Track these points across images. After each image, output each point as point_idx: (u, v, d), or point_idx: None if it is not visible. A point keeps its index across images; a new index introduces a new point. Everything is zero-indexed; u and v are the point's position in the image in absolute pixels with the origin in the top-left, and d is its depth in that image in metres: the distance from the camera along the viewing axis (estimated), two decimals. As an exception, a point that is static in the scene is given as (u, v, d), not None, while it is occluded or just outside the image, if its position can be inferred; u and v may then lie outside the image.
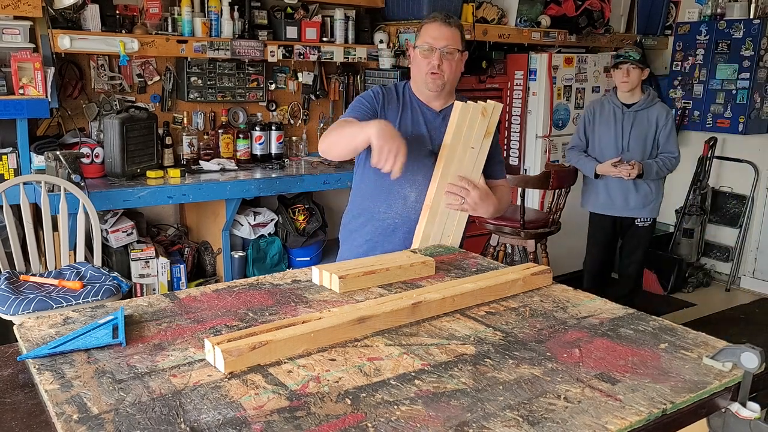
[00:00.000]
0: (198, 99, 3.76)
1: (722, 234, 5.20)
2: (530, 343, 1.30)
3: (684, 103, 5.09)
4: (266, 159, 3.90)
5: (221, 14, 3.57)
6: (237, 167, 3.68)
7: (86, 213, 2.87)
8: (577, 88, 4.68)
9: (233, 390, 1.08)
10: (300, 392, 1.08)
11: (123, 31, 3.31)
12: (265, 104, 4.07)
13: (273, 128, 3.93)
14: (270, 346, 1.19)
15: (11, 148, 3.04)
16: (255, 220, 3.78)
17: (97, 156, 3.28)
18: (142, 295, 2.63)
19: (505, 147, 4.70)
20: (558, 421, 1.02)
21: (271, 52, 3.72)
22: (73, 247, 2.95)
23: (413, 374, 1.16)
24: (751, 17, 4.78)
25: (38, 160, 3.07)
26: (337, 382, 1.12)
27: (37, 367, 1.14)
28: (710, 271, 5.21)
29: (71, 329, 1.29)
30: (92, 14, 3.19)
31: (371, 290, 1.59)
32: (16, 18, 2.94)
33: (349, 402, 1.06)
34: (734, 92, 4.79)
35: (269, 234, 3.83)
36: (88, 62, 3.47)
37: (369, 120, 2.01)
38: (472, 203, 2.04)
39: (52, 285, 2.65)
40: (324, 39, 3.93)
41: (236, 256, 3.68)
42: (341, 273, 1.58)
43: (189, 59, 3.63)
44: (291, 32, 3.79)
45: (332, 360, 1.20)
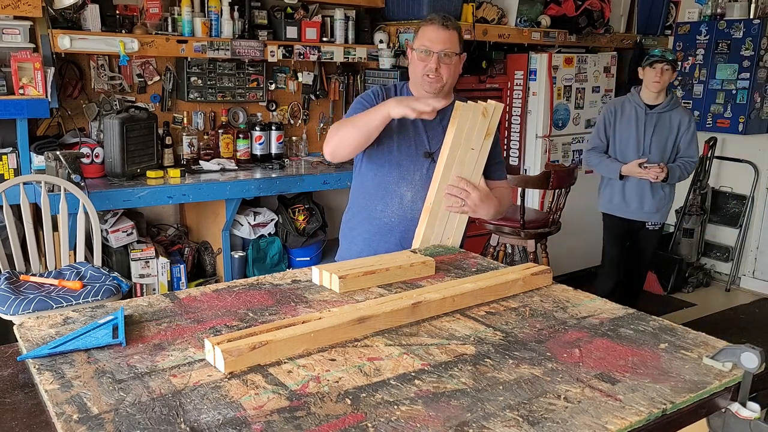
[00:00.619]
0: (198, 99, 3.76)
1: (722, 234, 5.21)
2: (530, 343, 1.30)
3: (684, 103, 5.08)
4: (266, 159, 3.90)
5: (221, 14, 3.57)
6: (237, 167, 3.68)
7: (86, 213, 2.87)
8: (577, 88, 4.68)
9: (233, 390, 1.08)
10: (300, 392, 1.08)
11: (123, 31, 3.31)
12: (265, 104, 4.07)
13: (273, 128, 3.93)
14: (270, 346, 1.19)
15: (11, 148, 3.04)
16: (255, 220, 3.78)
17: (97, 156, 3.28)
18: (142, 295, 2.63)
19: (505, 147, 4.69)
20: (558, 421, 1.02)
21: (271, 52, 3.72)
22: (73, 247, 2.95)
23: (413, 374, 1.16)
24: (751, 17, 4.78)
25: (38, 160, 3.07)
26: (337, 382, 1.12)
27: (37, 367, 1.14)
28: (710, 271, 5.21)
29: (71, 329, 1.29)
30: (92, 14, 3.19)
31: (371, 290, 1.59)
32: (16, 18, 2.93)
33: (349, 402, 1.06)
34: (734, 92, 4.80)
35: (269, 234, 3.83)
36: (88, 62, 3.47)
37: None
38: (473, 205, 2.03)
39: (52, 285, 2.65)
40: (324, 39, 3.93)
41: (236, 256, 3.68)
42: (341, 273, 1.58)
43: (189, 59, 3.63)
44: (291, 32, 3.79)
45: (332, 360, 1.20)
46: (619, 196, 3.62)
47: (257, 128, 3.90)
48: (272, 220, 3.84)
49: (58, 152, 2.92)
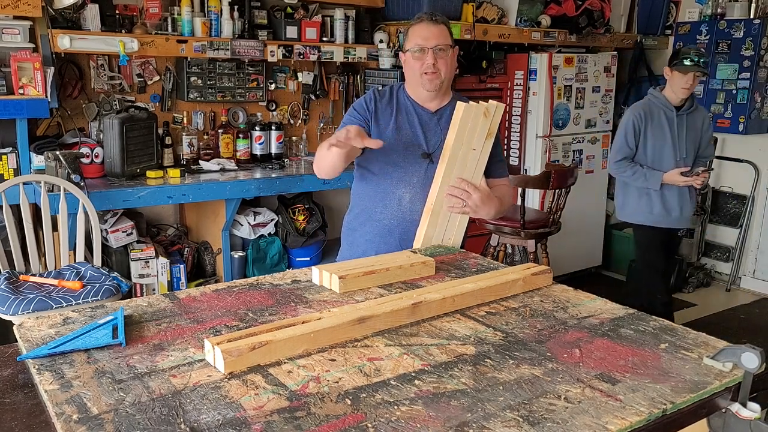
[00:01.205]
0: (198, 99, 3.76)
1: (723, 234, 5.20)
2: (530, 344, 1.30)
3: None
4: (266, 159, 3.89)
5: (221, 14, 3.57)
6: (237, 167, 3.68)
7: (86, 213, 2.86)
8: (578, 88, 4.68)
9: (233, 390, 1.08)
10: (300, 392, 1.08)
11: (123, 31, 3.31)
12: (265, 104, 4.06)
13: (273, 128, 3.93)
14: (270, 347, 1.19)
15: (11, 148, 3.04)
16: (255, 220, 3.78)
17: (97, 156, 3.28)
18: (142, 296, 2.64)
19: (506, 147, 4.69)
20: (558, 422, 1.02)
21: (271, 52, 3.71)
22: (73, 247, 2.95)
23: (413, 374, 1.16)
24: (752, 17, 4.78)
25: (38, 160, 3.07)
26: (337, 383, 1.12)
27: (37, 367, 1.14)
28: (710, 271, 5.21)
29: (71, 329, 1.29)
30: (92, 14, 3.19)
31: (371, 290, 1.59)
32: (16, 18, 2.93)
33: (349, 402, 1.06)
34: (734, 92, 4.79)
35: (269, 234, 3.83)
36: (88, 62, 3.46)
37: None
38: (473, 206, 2.03)
39: (52, 285, 2.65)
40: (324, 39, 3.93)
41: (236, 256, 3.68)
42: (341, 273, 1.58)
43: (189, 59, 3.63)
44: (291, 32, 3.79)
45: (332, 360, 1.20)
46: (660, 206, 3.43)
47: (257, 128, 3.90)
48: (272, 220, 3.84)
49: (58, 152, 2.92)
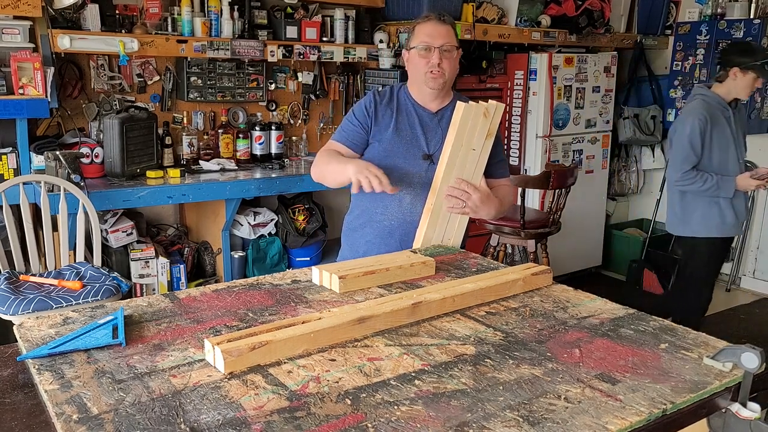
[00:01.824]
0: (198, 99, 3.76)
1: (722, 234, 5.19)
2: (530, 344, 1.30)
3: (684, 103, 5.08)
4: (266, 159, 3.89)
5: (221, 14, 3.57)
6: (237, 167, 3.68)
7: (86, 213, 2.86)
8: (578, 88, 4.68)
9: (233, 390, 1.08)
10: (300, 392, 1.08)
11: (123, 31, 3.31)
12: (265, 104, 4.06)
13: (273, 128, 3.93)
14: (270, 347, 1.19)
15: (11, 148, 3.04)
16: (255, 220, 3.78)
17: (97, 156, 3.28)
18: (142, 296, 2.64)
19: (506, 147, 4.69)
20: (558, 422, 1.02)
21: (271, 52, 3.71)
22: (73, 247, 2.95)
23: (413, 374, 1.16)
24: (752, 17, 4.78)
25: (38, 160, 3.07)
26: (337, 383, 1.12)
27: (37, 367, 1.14)
28: (710, 271, 5.19)
29: (71, 329, 1.29)
30: (92, 14, 3.19)
31: (371, 290, 1.59)
32: (16, 18, 2.93)
33: (349, 402, 1.06)
34: (734, 92, 4.78)
35: (269, 234, 3.83)
36: (88, 62, 3.46)
37: (357, 143, 2.20)
38: (473, 206, 2.03)
39: (52, 285, 2.65)
40: (324, 39, 3.93)
41: (236, 256, 3.68)
42: (341, 273, 1.58)
43: (189, 59, 3.63)
44: (291, 32, 3.79)
45: (332, 360, 1.20)
46: (732, 214, 3.22)
47: (257, 128, 3.90)
48: (272, 220, 3.84)
49: (58, 152, 2.92)
